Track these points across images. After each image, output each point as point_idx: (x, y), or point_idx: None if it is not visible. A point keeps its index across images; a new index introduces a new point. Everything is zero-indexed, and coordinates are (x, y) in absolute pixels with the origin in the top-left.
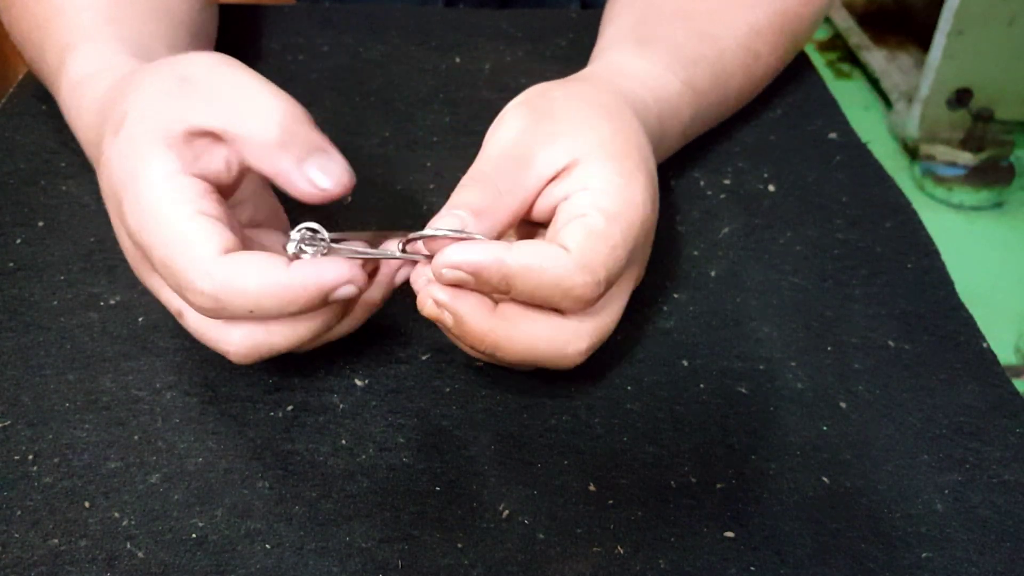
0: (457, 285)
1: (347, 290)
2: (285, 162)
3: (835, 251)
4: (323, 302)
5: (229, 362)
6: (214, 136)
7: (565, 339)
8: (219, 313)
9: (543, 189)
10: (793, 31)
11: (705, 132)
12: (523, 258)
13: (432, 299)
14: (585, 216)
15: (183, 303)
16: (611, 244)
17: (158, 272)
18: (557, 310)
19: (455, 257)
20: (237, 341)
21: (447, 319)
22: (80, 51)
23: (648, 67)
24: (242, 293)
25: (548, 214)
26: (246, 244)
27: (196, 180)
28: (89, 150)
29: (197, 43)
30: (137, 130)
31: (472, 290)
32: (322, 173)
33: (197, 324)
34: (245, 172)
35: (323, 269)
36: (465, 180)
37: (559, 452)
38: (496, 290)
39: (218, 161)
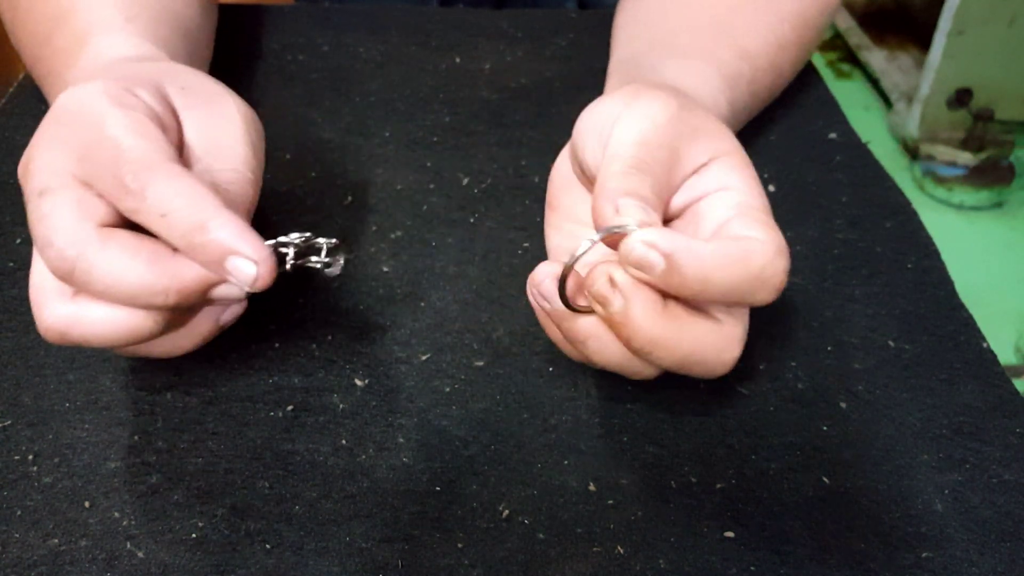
0: (637, 271)
1: (247, 267)
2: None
3: (835, 251)
4: (218, 262)
5: (229, 362)
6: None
7: (725, 343)
8: (134, 201)
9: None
10: (810, 42)
11: None
12: (721, 250)
13: (609, 275)
14: (748, 213)
15: (63, 186)
16: (779, 232)
17: (87, 155)
18: (732, 307)
19: (653, 236)
20: (55, 313)
21: (616, 303)
22: (107, 36)
23: (704, 89)
24: (167, 189)
25: (673, 212)
26: None
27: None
28: None
29: (198, 49)
30: (150, 71)
31: (650, 283)
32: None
33: (38, 279)
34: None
35: (243, 229)
36: (629, 168)
37: (559, 452)
38: (683, 286)
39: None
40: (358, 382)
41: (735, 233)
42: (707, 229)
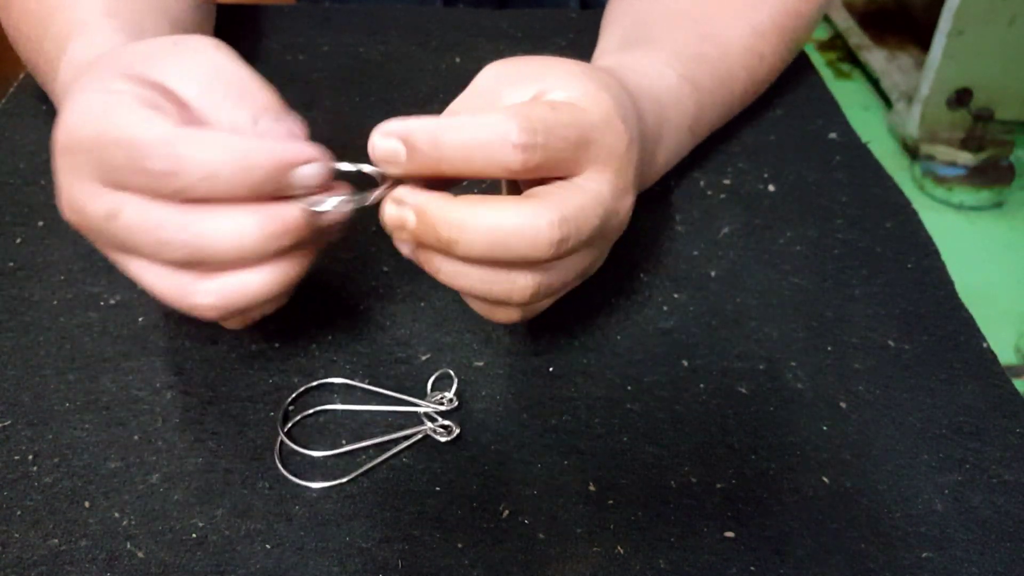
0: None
1: (311, 169)
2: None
3: (835, 251)
4: (282, 179)
5: (229, 362)
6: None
7: (532, 211)
8: (174, 181)
9: None
10: (795, 30)
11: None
12: (454, 120)
13: (391, 200)
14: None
15: (121, 199)
16: (552, 108)
17: (106, 163)
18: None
19: (389, 125)
20: (207, 290)
21: (408, 216)
22: (83, 38)
23: (645, 62)
24: (200, 153)
25: None
26: None
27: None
28: None
29: None
30: (108, 65)
31: (407, 174)
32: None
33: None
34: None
35: (286, 143)
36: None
37: (559, 452)
38: (428, 161)
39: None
40: (358, 382)
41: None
42: None
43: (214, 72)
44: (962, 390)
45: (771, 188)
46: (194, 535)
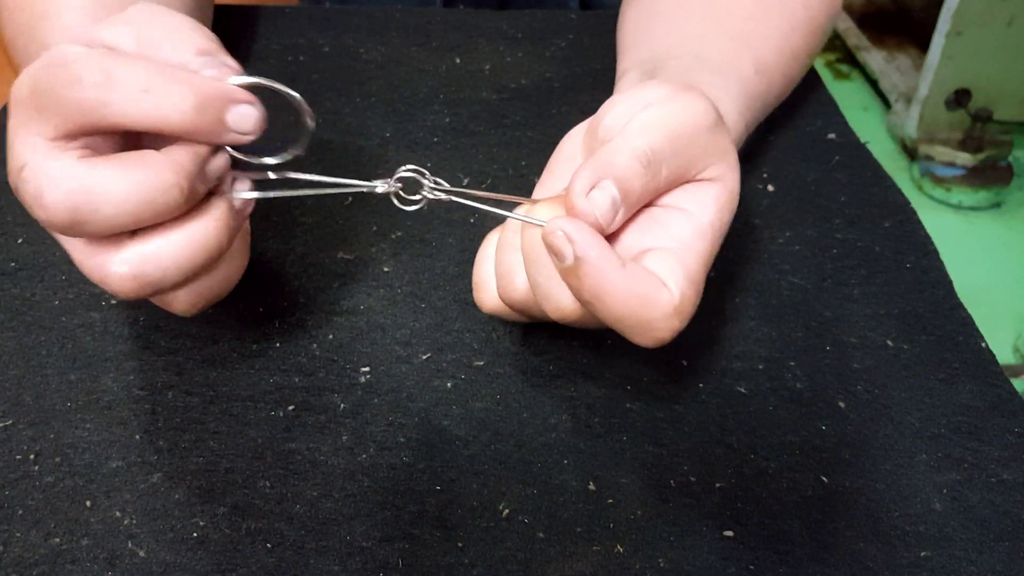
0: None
1: (246, 110)
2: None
3: (834, 251)
4: (219, 115)
5: (230, 362)
6: None
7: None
8: (104, 99)
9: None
10: (817, 48)
11: None
12: (627, 283)
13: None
14: (685, 254)
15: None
16: (695, 288)
17: (41, 92)
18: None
19: (574, 232)
20: (121, 260)
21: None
22: (56, 32)
23: (729, 110)
24: (132, 69)
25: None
26: None
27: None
28: None
29: None
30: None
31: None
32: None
33: (81, 252)
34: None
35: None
36: (642, 155)
37: (559, 451)
38: (577, 289)
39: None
40: (359, 381)
41: (655, 268)
42: (645, 241)
43: (149, 21)
44: (960, 390)
45: (770, 188)
46: (195, 534)
